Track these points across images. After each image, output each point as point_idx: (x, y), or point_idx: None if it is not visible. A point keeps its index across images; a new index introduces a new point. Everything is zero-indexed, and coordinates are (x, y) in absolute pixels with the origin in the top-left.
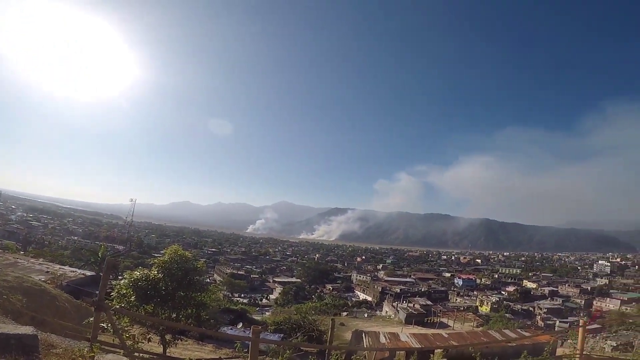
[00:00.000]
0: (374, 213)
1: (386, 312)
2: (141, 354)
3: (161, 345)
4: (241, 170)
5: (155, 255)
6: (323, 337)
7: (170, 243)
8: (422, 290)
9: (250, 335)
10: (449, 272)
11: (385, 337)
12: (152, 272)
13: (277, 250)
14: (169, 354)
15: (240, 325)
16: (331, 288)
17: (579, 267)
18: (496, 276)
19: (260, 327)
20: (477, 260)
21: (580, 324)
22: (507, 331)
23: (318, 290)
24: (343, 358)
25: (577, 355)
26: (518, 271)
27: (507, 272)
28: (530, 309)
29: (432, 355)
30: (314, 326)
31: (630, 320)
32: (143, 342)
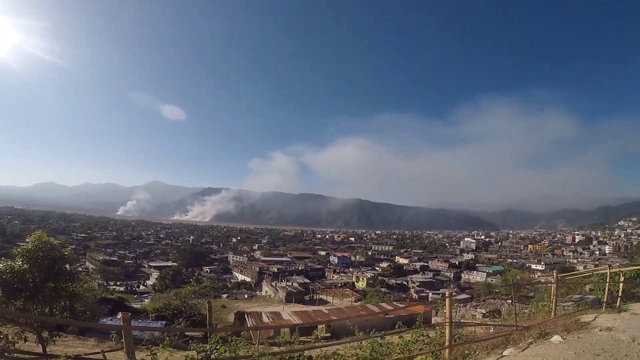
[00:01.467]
0: (248, 193)
1: (266, 292)
2: (18, 355)
3: (39, 344)
4: (109, 148)
5: (20, 243)
6: (206, 320)
7: (35, 229)
8: (299, 269)
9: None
10: (324, 250)
11: (267, 317)
12: (17, 262)
13: (150, 233)
14: (50, 353)
15: (120, 315)
16: (209, 270)
17: (447, 244)
18: (370, 253)
19: (129, 314)
20: (351, 238)
21: (447, 295)
22: (383, 304)
23: (196, 274)
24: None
25: (447, 323)
26: (390, 248)
27: (380, 249)
28: (404, 282)
29: (314, 331)
30: (195, 310)
31: (496, 290)
32: (18, 342)
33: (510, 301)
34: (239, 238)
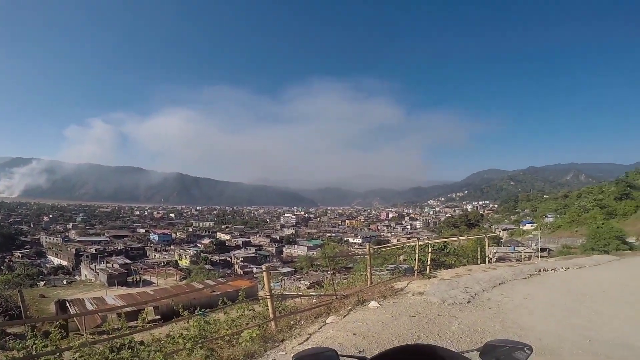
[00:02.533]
0: (61, 164)
1: (86, 275)
2: None
3: None
4: None
5: None
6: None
7: None
8: (119, 248)
9: None
10: (143, 227)
11: (91, 303)
12: None
13: None
14: None
15: None
16: (20, 255)
17: (268, 220)
18: (191, 230)
19: None
20: (170, 214)
21: (264, 269)
22: (209, 281)
23: (6, 260)
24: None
25: (268, 296)
26: (212, 224)
27: (201, 225)
28: (228, 259)
29: (141, 314)
30: (11, 303)
31: (318, 263)
32: None
33: (332, 272)
34: (51, 216)
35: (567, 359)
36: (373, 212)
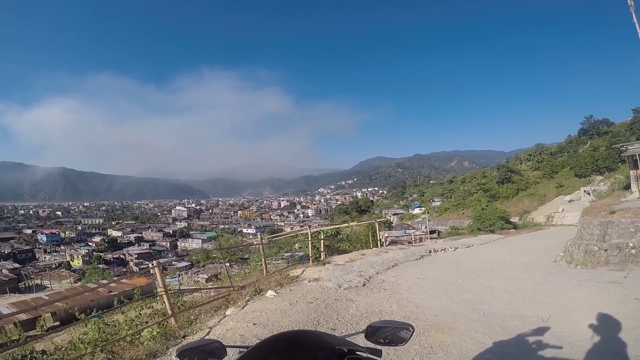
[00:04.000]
0: None
1: None
2: None
3: None
4: None
5: None
6: None
7: None
8: (5, 252)
9: None
10: (29, 228)
11: None
12: None
13: None
14: None
15: None
16: None
17: (159, 214)
18: (80, 228)
19: None
20: (57, 212)
21: (154, 265)
22: (105, 281)
23: None
24: None
25: (164, 292)
26: (101, 221)
27: (90, 222)
28: (122, 256)
29: (39, 321)
30: None
31: (214, 255)
32: None
33: (228, 264)
34: None
35: (464, 332)
36: (265, 201)
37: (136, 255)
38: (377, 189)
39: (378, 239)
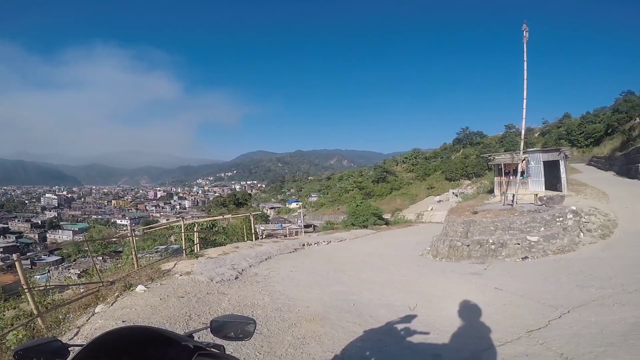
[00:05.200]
0: None
1: None
2: None
3: None
4: None
5: None
6: None
7: None
8: None
9: None
10: None
11: None
12: None
13: None
14: None
15: None
16: None
17: (27, 202)
18: None
19: None
20: None
21: (15, 259)
22: None
23: None
24: None
25: (26, 290)
26: None
27: None
28: None
29: None
30: None
31: (86, 249)
32: None
33: (100, 258)
34: None
35: (335, 322)
36: (141, 191)
37: (1, 249)
38: (256, 182)
39: (254, 232)
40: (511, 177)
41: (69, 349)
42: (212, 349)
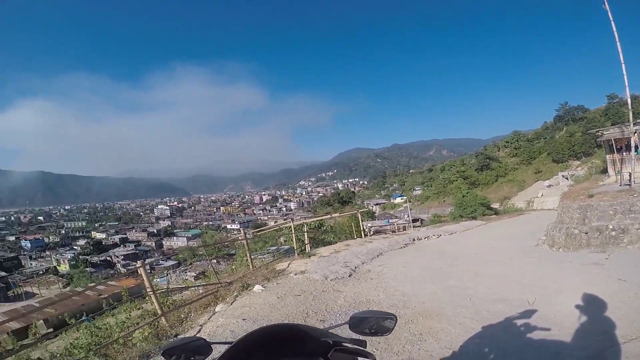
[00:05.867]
0: None
1: None
2: None
3: None
4: None
5: None
6: None
7: None
8: None
9: None
10: (12, 234)
11: None
12: None
13: None
14: None
15: None
16: None
17: (141, 213)
18: (63, 232)
19: None
20: (39, 217)
21: (138, 266)
22: (93, 284)
23: None
24: None
25: (151, 292)
26: (84, 224)
27: (73, 226)
28: (108, 258)
29: (31, 328)
30: None
31: (200, 253)
32: None
33: (214, 261)
34: None
35: (451, 317)
36: (247, 196)
37: (122, 257)
38: (357, 179)
39: (362, 229)
40: (624, 154)
41: (212, 346)
42: (351, 345)
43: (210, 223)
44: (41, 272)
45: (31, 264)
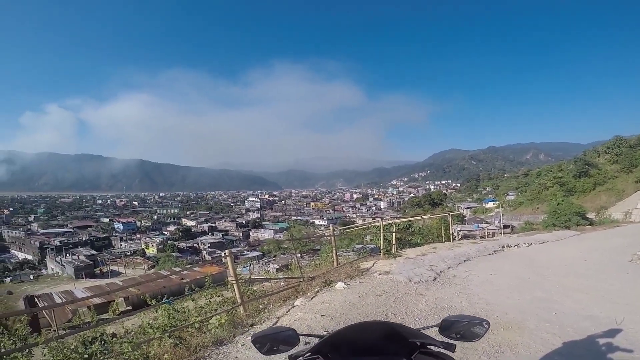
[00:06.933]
0: (18, 154)
1: (52, 269)
2: None
3: None
4: None
5: None
6: None
7: None
8: (83, 239)
9: None
10: (107, 217)
11: (60, 297)
12: None
13: None
14: None
15: None
16: None
17: (232, 204)
18: (155, 217)
19: None
20: (134, 202)
21: (226, 254)
22: (177, 269)
23: None
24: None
25: (234, 281)
26: (176, 211)
27: (165, 212)
28: (195, 245)
29: (111, 305)
30: None
31: (285, 246)
32: None
33: (299, 255)
34: (11, 209)
35: (533, 331)
36: (337, 193)
37: (209, 245)
38: (450, 181)
39: (450, 232)
40: None
41: (300, 337)
42: (436, 348)
43: (299, 217)
44: (129, 254)
45: (121, 244)
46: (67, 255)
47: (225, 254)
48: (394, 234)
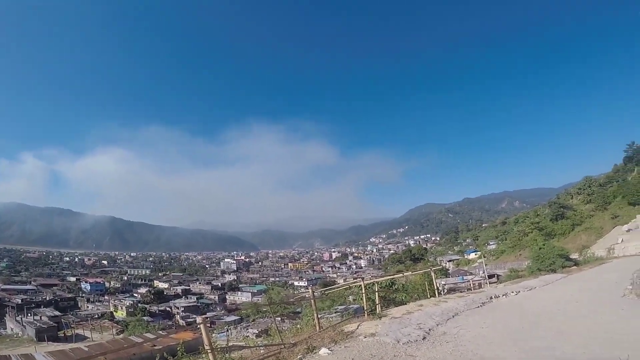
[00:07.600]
0: None
1: (12, 329)
2: None
3: None
4: None
5: None
6: None
7: None
8: (47, 299)
9: None
10: (74, 275)
11: None
12: None
13: None
14: None
15: None
16: None
17: (207, 266)
18: (126, 278)
19: None
20: (103, 261)
21: (199, 321)
22: (148, 334)
23: None
24: None
25: (208, 350)
26: (148, 272)
27: (136, 273)
28: (167, 309)
29: None
30: None
31: (264, 309)
32: None
33: (279, 319)
34: None
35: None
36: (316, 253)
37: (183, 309)
38: (429, 235)
39: (435, 287)
40: None
41: None
42: None
43: (277, 279)
44: (96, 316)
45: (88, 306)
46: (29, 315)
47: (199, 320)
48: (376, 292)
